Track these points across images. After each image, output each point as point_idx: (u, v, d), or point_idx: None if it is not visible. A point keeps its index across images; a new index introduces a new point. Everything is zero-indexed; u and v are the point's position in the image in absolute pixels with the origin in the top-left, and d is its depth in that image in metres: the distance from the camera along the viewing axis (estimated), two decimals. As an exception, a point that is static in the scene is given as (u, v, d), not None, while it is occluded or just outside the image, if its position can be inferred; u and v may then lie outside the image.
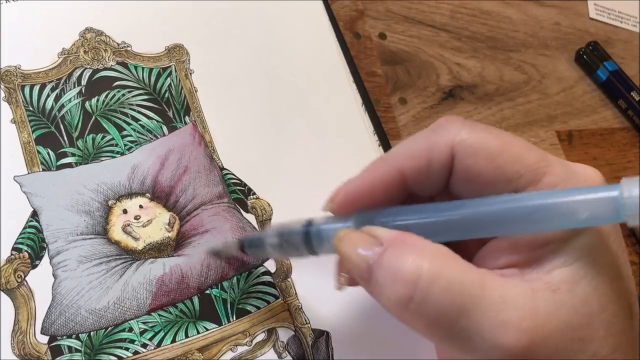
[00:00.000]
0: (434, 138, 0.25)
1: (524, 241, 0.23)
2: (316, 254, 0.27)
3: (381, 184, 0.26)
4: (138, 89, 0.38)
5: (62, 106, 0.36)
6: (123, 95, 0.38)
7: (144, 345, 0.32)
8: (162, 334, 0.33)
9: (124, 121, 0.37)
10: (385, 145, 0.42)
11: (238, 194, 0.37)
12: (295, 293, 0.35)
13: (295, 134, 0.40)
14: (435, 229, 0.24)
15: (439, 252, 0.22)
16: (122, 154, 0.36)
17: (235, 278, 0.35)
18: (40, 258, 0.33)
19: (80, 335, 0.32)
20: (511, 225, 0.23)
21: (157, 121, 0.37)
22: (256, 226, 0.37)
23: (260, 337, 0.34)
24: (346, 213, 0.26)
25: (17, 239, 0.33)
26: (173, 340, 0.33)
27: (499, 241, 0.24)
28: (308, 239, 0.26)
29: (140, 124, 0.37)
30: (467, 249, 0.25)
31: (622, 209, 0.20)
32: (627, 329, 0.23)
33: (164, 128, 0.37)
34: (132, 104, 0.37)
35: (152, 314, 0.33)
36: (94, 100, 0.37)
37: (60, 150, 0.35)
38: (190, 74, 0.39)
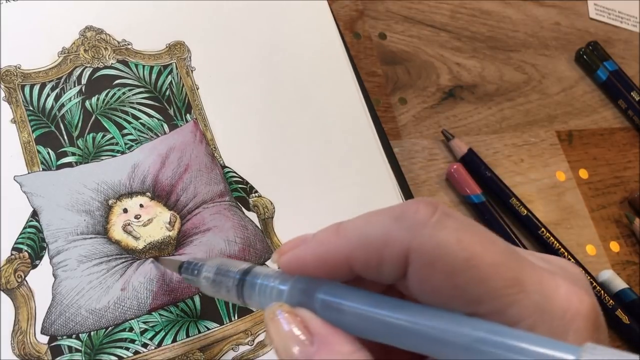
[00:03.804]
0: (391, 231, 0.21)
1: None
2: (245, 303, 0.26)
3: (328, 262, 0.23)
4: (139, 87, 0.38)
5: (62, 105, 0.36)
6: (123, 93, 0.37)
7: (145, 345, 0.32)
8: (162, 333, 0.32)
9: (125, 120, 0.37)
10: (385, 145, 0.42)
11: (240, 192, 0.37)
12: (297, 292, 0.35)
13: (296, 131, 0.40)
14: (367, 326, 0.21)
15: None
16: (123, 152, 0.36)
17: (236, 277, 0.34)
18: (40, 258, 0.33)
19: (80, 335, 0.31)
20: (445, 353, 0.19)
21: (158, 119, 0.37)
22: (258, 224, 0.36)
23: (262, 336, 0.34)
24: (290, 271, 0.24)
25: (17, 238, 0.33)
26: (174, 340, 0.32)
27: None
28: (240, 287, 0.26)
29: (140, 123, 0.37)
30: None
31: None
32: None
33: (165, 126, 0.37)
34: (132, 102, 0.37)
35: (153, 313, 0.33)
36: (94, 99, 0.37)
37: (61, 150, 0.35)
38: (192, 71, 0.39)
